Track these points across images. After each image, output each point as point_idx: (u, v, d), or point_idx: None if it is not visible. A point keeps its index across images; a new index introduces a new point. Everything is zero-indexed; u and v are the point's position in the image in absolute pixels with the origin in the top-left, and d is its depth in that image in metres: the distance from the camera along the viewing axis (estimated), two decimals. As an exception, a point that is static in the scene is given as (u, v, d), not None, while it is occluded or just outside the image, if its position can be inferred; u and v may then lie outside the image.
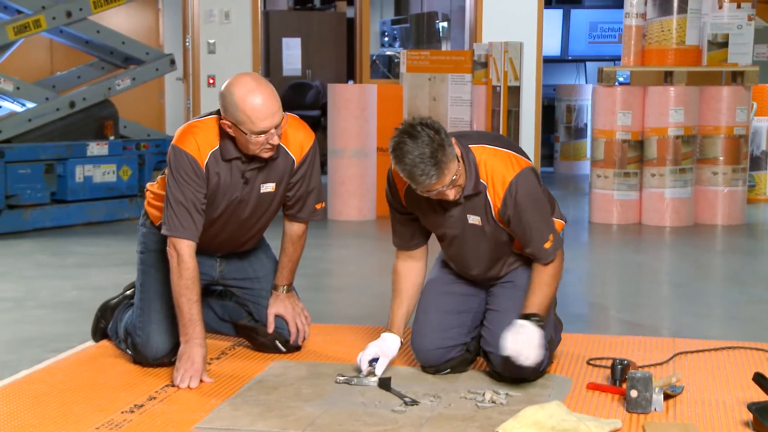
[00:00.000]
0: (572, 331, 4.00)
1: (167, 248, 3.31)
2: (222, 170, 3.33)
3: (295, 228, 3.61)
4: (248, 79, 3.22)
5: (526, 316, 3.16)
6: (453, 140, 3.09)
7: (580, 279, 5.45)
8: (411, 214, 3.38)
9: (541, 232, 3.22)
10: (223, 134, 3.31)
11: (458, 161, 3.10)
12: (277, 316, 3.66)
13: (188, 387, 3.23)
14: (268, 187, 3.44)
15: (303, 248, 3.66)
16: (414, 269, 3.45)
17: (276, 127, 3.23)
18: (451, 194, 3.14)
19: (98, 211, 7.28)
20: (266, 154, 3.31)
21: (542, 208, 3.26)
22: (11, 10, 7.28)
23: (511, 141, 3.40)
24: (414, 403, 3.07)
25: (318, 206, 3.59)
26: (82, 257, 6.07)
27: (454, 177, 3.08)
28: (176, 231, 3.28)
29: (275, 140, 3.26)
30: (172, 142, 3.32)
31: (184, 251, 3.27)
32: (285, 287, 3.67)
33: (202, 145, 3.30)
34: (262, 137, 3.22)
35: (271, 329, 3.64)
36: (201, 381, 3.26)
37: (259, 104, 3.18)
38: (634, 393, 3.01)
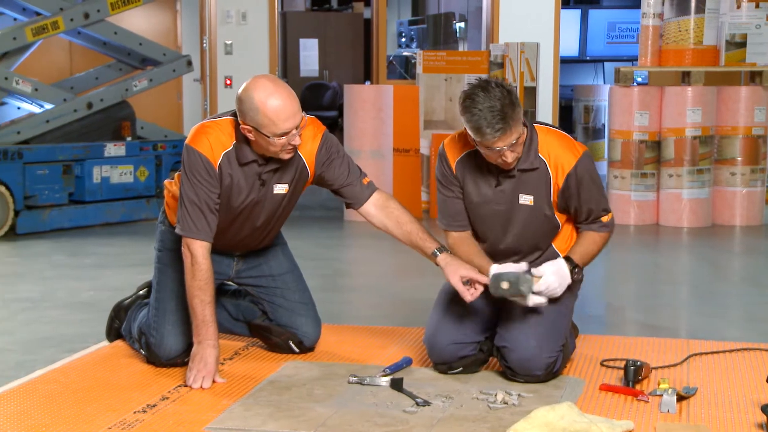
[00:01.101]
0: (588, 332, 3.99)
1: (182, 248, 3.32)
2: (235, 172, 3.33)
3: (388, 211, 3.44)
4: (266, 82, 3.21)
5: (567, 258, 3.30)
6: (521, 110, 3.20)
7: (597, 280, 5.42)
8: (462, 189, 3.39)
9: (600, 206, 3.36)
10: (239, 137, 3.31)
11: (524, 127, 3.20)
12: (461, 279, 3.31)
13: (201, 387, 3.24)
14: (282, 188, 3.44)
15: (404, 208, 3.46)
16: (468, 236, 3.44)
17: (297, 128, 3.23)
18: (510, 157, 3.20)
19: (115, 212, 7.32)
20: (287, 156, 3.31)
21: (602, 188, 3.40)
22: (30, 12, 7.33)
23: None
24: (426, 403, 3.07)
25: (365, 181, 3.49)
26: (99, 258, 6.10)
27: (515, 141, 3.15)
28: (190, 232, 3.29)
29: (296, 141, 3.26)
30: (186, 141, 3.33)
31: (197, 252, 3.28)
32: (439, 248, 3.35)
33: (215, 145, 3.30)
34: (284, 139, 3.22)
35: (471, 298, 3.26)
36: (213, 381, 3.27)
37: (280, 106, 3.17)
38: (505, 285, 3.16)
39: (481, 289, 3.29)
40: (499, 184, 3.33)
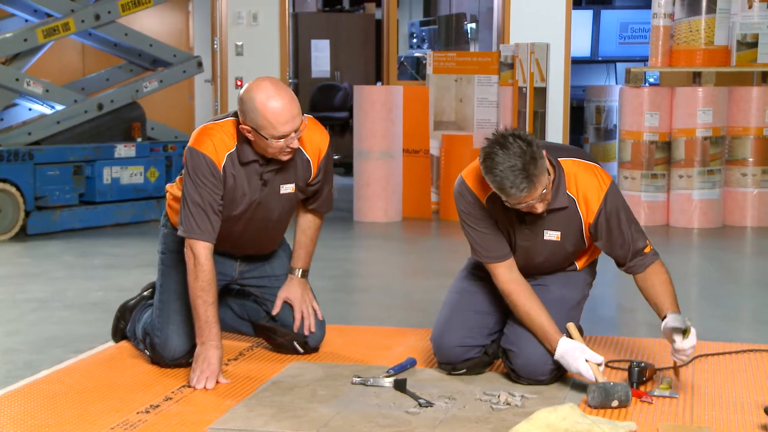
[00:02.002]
0: (597, 333, 3.98)
1: (185, 249, 3.33)
2: (238, 172, 3.34)
3: (309, 218, 3.67)
4: (267, 84, 3.23)
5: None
6: (544, 152, 3.07)
7: (607, 281, 5.40)
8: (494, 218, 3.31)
9: (639, 238, 3.25)
10: (240, 137, 3.33)
11: (549, 174, 3.09)
12: (286, 302, 3.68)
13: (204, 388, 3.24)
14: (288, 188, 3.46)
15: (316, 229, 3.72)
16: (522, 281, 3.30)
17: (296, 131, 3.24)
18: (540, 207, 3.11)
19: (125, 213, 7.34)
20: (285, 157, 3.33)
21: (634, 218, 3.29)
22: (41, 14, 7.35)
23: (590, 155, 3.38)
24: (428, 404, 3.07)
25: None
26: (109, 258, 6.12)
27: (544, 191, 3.07)
28: (193, 233, 3.30)
29: (295, 144, 3.28)
30: (189, 144, 3.34)
31: (200, 253, 3.29)
32: (300, 270, 3.68)
33: (218, 146, 3.31)
34: (282, 141, 3.23)
35: (276, 311, 3.65)
36: (217, 382, 3.28)
37: (279, 109, 3.19)
38: (615, 403, 3.03)
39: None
40: (524, 222, 3.26)
